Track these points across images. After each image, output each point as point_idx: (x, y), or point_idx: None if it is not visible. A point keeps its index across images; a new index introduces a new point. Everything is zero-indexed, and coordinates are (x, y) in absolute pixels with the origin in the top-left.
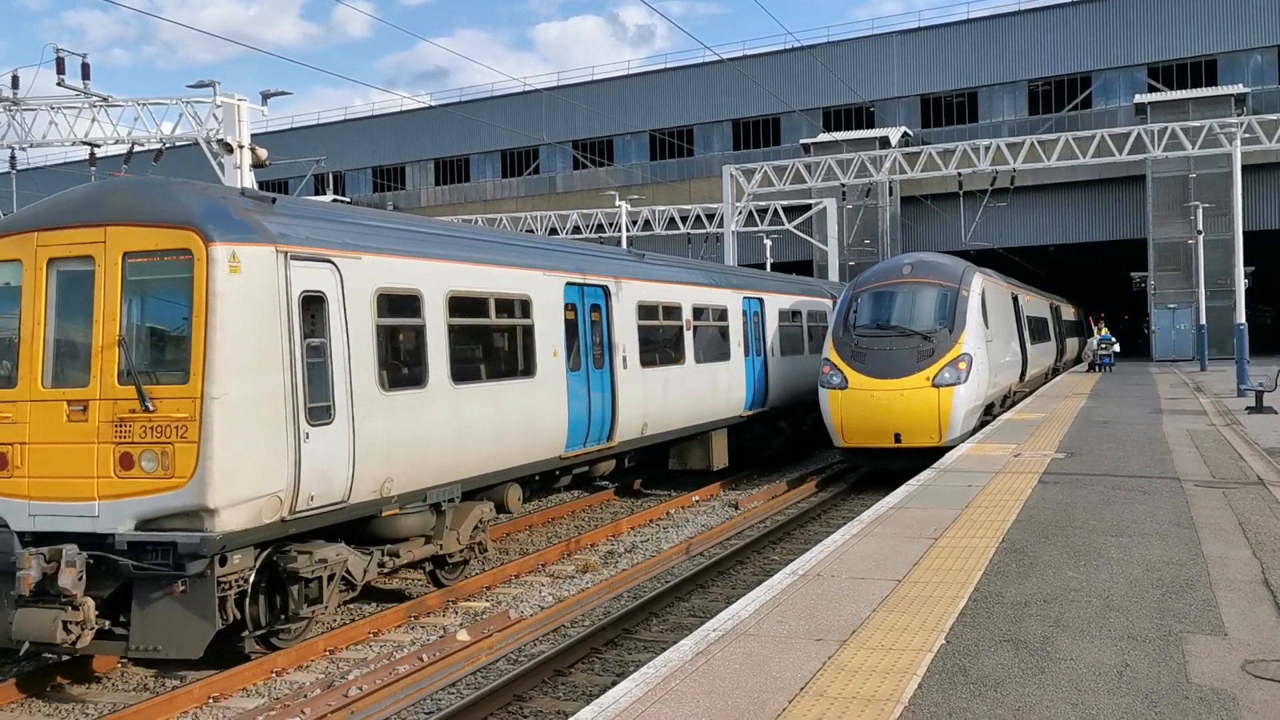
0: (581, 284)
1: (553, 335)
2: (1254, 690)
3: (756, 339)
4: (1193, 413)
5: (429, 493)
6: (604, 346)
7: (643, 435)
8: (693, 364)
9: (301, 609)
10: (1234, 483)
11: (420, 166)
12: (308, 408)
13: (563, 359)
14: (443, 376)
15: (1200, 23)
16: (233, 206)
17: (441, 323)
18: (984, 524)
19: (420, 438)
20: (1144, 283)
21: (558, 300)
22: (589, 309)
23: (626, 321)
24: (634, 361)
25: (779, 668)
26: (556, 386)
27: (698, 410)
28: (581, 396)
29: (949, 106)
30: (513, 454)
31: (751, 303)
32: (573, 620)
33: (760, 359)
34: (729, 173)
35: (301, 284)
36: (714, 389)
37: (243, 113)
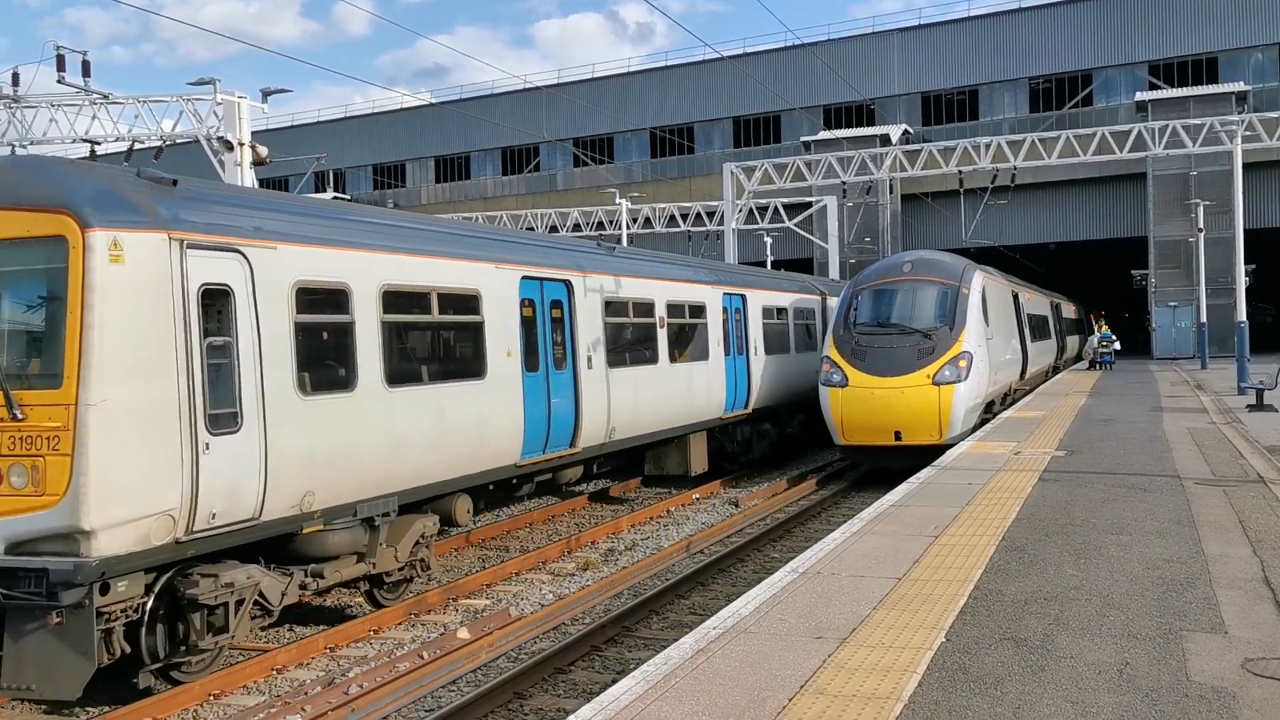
0: (540, 278)
1: (506, 333)
2: (1254, 688)
3: (738, 337)
4: (1193, 411)
5: (359, 506)
6: (566, 345)
7: (610, 440)
8: (667, 364)
9: (203, 639)
10: (1234, 481)
11: (421, 164)
12: (208, 415)
13: (518, 359)
14: (375, 379)
15: (1201, 20)
16: (119, 187)
17: (374, 320)
18: (984, 522)
19: (348, 446)
20: (1145, 281)
21: (512, 295)
22: (549, 305)
23: (591, 318)
24: (600, 361)
25: (779, 665)
26: (510, 389)
27: (673, 413)
28: (540, 399)
29: (949, 104)
30: (459, 462)
31: (733, 299)
32: (573, 618)
33: (743, 358)
34: (729, 170)
35: (202, 276)
36: (691, 390)
37: (243, 110)
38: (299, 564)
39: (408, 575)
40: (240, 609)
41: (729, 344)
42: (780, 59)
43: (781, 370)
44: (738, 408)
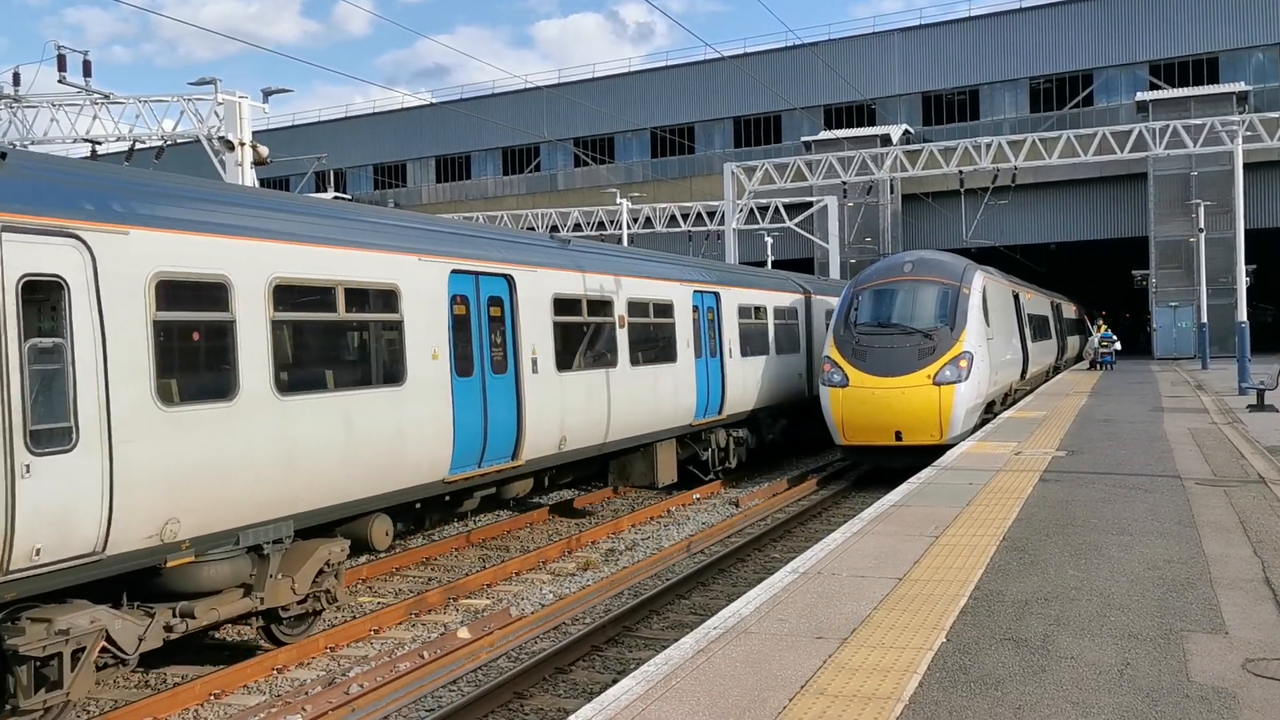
0: (475, 272)
1: (432, 334)
2: (1254, 689)
3: (711, 338)
4: (1194, 411)
5: (243, 533)
6: (507, 347)
7: (561, 451)
8: (628, 367)
9: (28, 697)
10: (1235, 481)
11: (422, 164)
12: (29, 431)
13: (447, 362)
14: (262, 386)
15: (1202, 20)
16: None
17: (262, 318)
18: (985, 522)
19: (226, 465)
20: (1145, 281)
21: (439, 291)
22: (486, 303)
23: (538, 317)
24: (548, 364)
25: (780, 666)
26: (436, 396)
27: (635, 420)
28: (473, 407)
29: (950, 104)
30: (373, 479)
31: (705, 297)
32: (574, 618)
33: (716, 360)
34: (730, 170)
35: (24, 265)
36: (656, 395)
37: (244, 110)
38: (170, 600)
39: (311, 609)
40: (81, 659)
41: (700, 345)
42: (781, 59)
43: (760, 373)
44: (710, 413)
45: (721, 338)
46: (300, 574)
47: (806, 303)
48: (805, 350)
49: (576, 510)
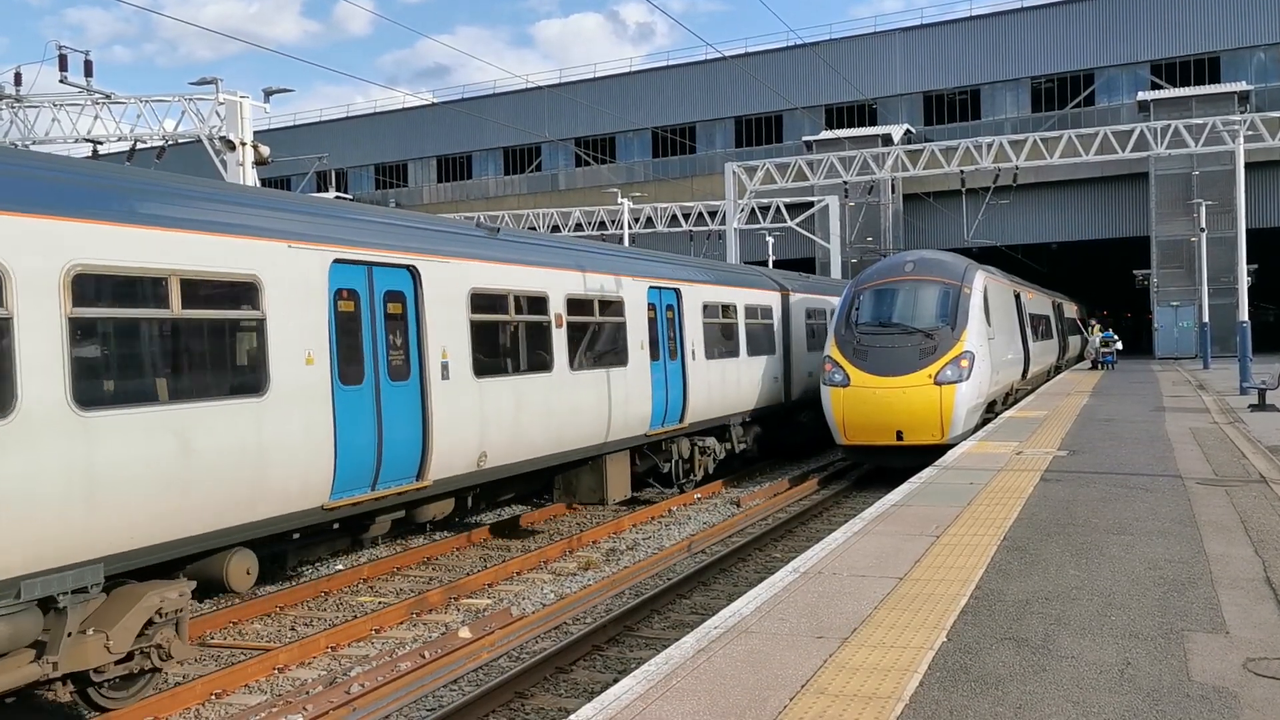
0: (366, 263)
1: (305, 335)
2: (1255, 688)
3: (670, 338)
4: (1195, 410)
5: (24, 584)
6: (410, 350)
7: (481, 469)
8: (566, 371)
9: None
10: (1236, 481)
11: (423, 164)
12: None
13: (326, 368)
14: (52, 399)
15: (1203, 20)
16: None
17: (53, 316)
18: (986, 522)
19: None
20: (1147, 280)
21: (316, 285)
22: (381, 299)
23: (451, 316)
24: (463, 370)
25: (780, 665)
26: (311, 408)
27: (576, 431)
28: (363, 421)
29: (951, 104)
30: (221, 510)
31: (663, 294)
32: (574, 617)
33: (677, 363)
34: (731, 170)
35: None
36: (602, 403)
37: (245, 110)
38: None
39: (139, 667)
40: None
41: (658, 347)
42: (782, 59)
43: (729, 377)
44: (670, 421)
45: (683, 338)
46: (118, 628)
47: (784, 301)
48: (782, 352)
49: (525, 530)
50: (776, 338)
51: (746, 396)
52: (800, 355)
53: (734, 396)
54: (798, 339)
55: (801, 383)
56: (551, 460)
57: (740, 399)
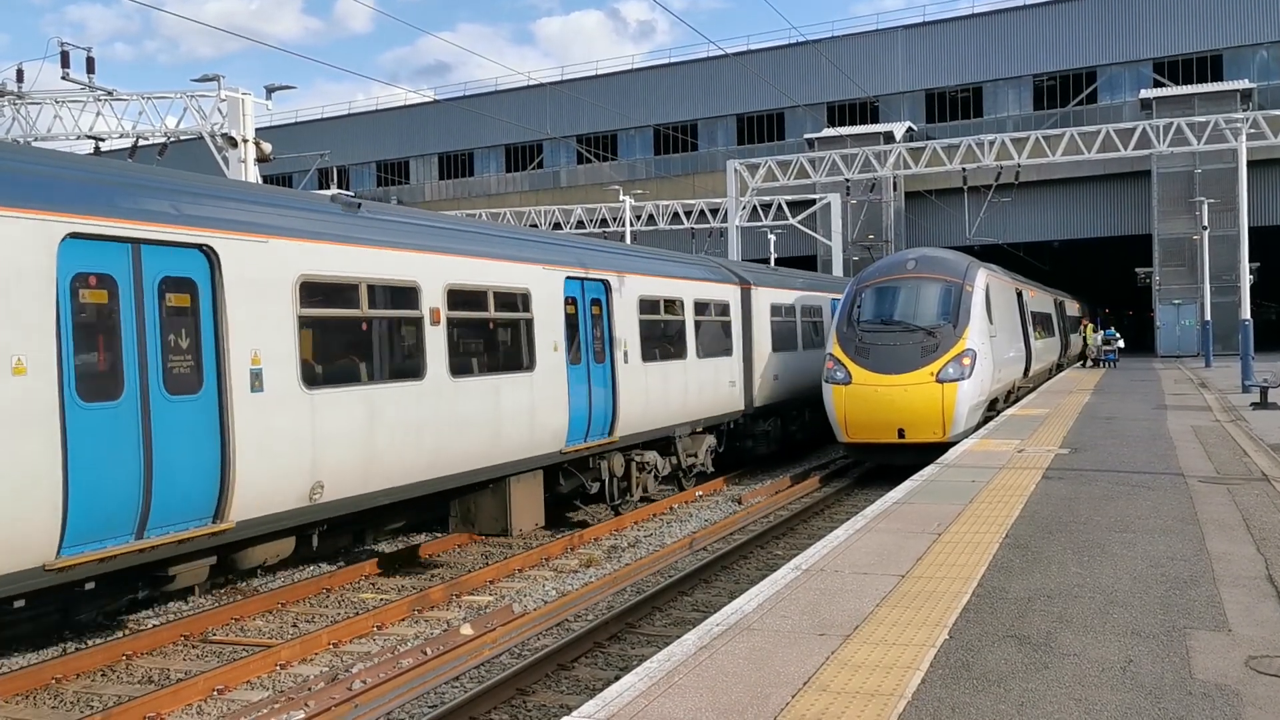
0: (127, 239)
1: (18, 335)
2: (1257, 686)
3: (598, 338)
4: (1197, 408)
5: None
6: (203, 356)
7: (316, 503)
8: (445, 378)
9: None
10: (1238, 479)
11: (424, 161)
12: None
13: (53, 382)
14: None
15: (1206, 18)
16: None
17: None
18: (987, 519)
19: None
20: (1149, 278)
21: (35, 268)
22: (156, 289)
23: (265, 311)
24: (285, 379)
25: (782, 662)
26: (31, 435)
27: (459, 451)
28: (118, 447)
29: (954, 101)
30: None
31: (587, 286)
32: (576, 614)
33: (604, 367)
34: (733, 167)
35: None
36: (496, 416)
37: (247, 107)
38: None
39: None
40: None
41: (581, 348)
42: (784, 56)
43: (674, 382)
44: (597, 434)
45: (613, 338)
46: None
47: (744, 296)
48: (742, 353)
49: (424, 561)
50: (735, 337)
51: (696, 404)
52: (763, 357)
53: (680, 405)
54: (760, 339)
55: (765, 388)
56: (425, 488)
57: (688, 407)
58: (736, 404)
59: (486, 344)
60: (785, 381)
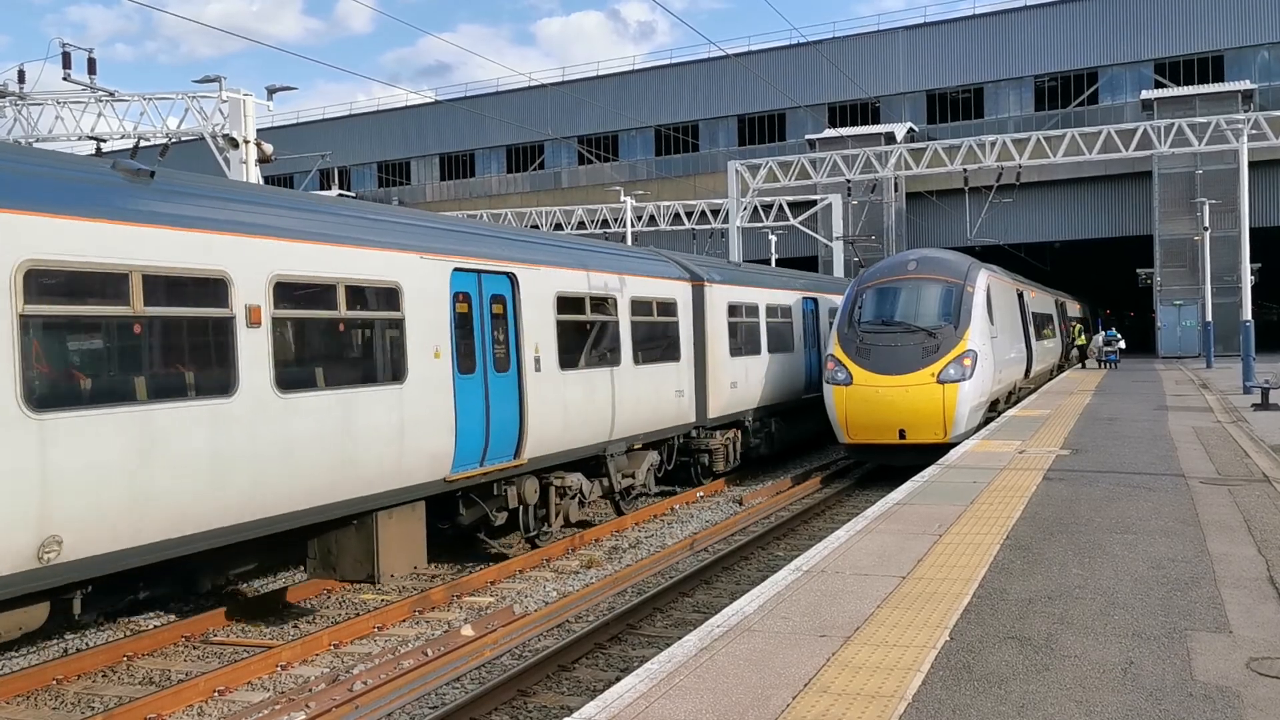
0: None
1: None
2: (1258, 687)
3: (500, 343)
4: (1198, 410)
5: None
6: None
7: (46, 566)
8: (269, 394)
9: None
10: (1239, 480)
11: (425, 162)
12: None
13: None
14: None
15: (1207, 19)
16: None
17: None
18: (988, 520)
19: None
20: (1150, 279)
21: None
22: None
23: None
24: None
25: (783, 663)
26: None
27: (288, 486)
28: None
29: (955, 102)
30: None
31: (485, 280)
32: (577, 615)
33: (509, 377)
34: (734, 168)
35: None
36: (349, 439)
37: (248, 108)
38: None
39: None
40: None
41: (475, 354)
42: (785, 57)
43: (602, 393)
44: (498, 457)
45: (519, 343)
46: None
47: (696, 294)
48: (693, 359)
49: (288, 605)
50: (684, 341)
51: (632, 418)
52: (721, 363)
53: (611, 419)
54: (717, 342)
55: (722, 397)
56: (238, 534)
57: (623, 421)
58: (685, 416)
59: (334, 351)
60: (747, 389)
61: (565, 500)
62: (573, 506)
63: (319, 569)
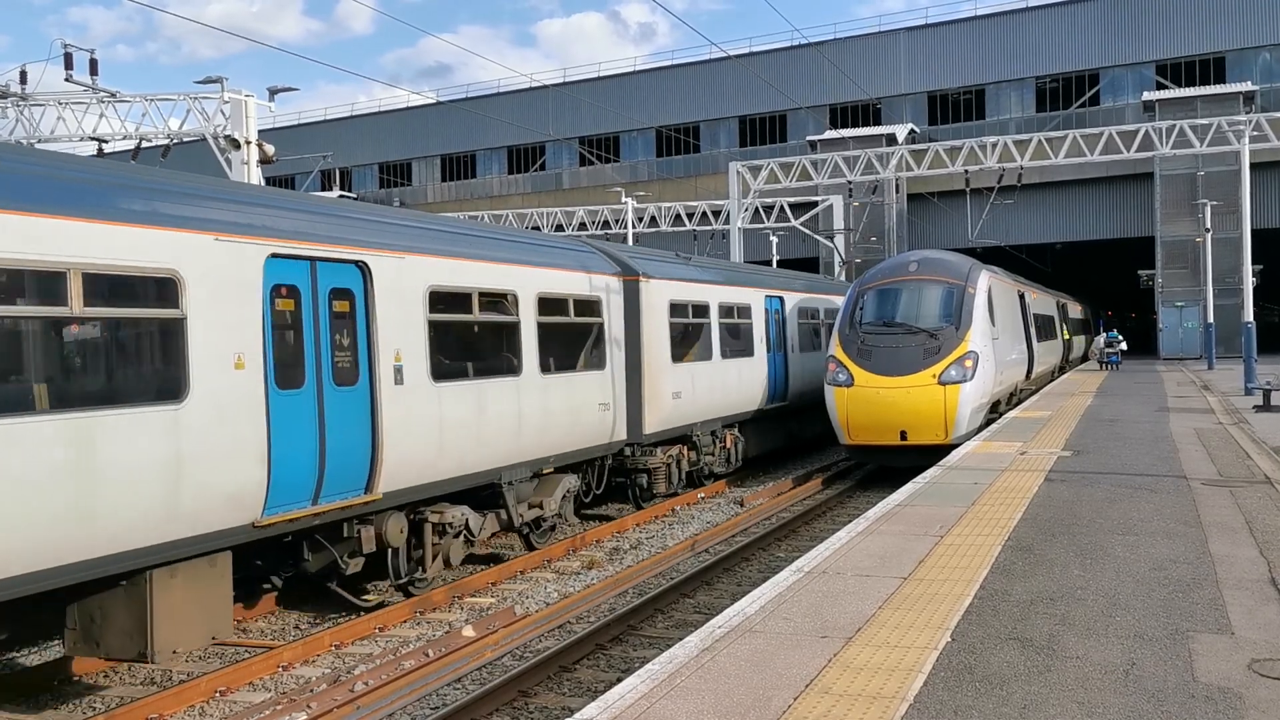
0: None
1: None
2: (1260, 689)
3: (342, 349)
4: (1200, 411)
5: None
6: None
7: None
8: None
9: None
10: (1241, 481)
11: (427, 163)
12: None
13: None
14: None
15: (1209, 20)
16: None
17: None
18: (990, 521)
19: None
20: (1151, 281)
21: None
22: None
23: None
24: None
25: (784, 664)
26: None
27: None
28: None
29: (956, 103)
30: None
31: (322, 271)
32: (578, 616)
33: (358, 391)
34: (735, 169)
35: None
36: (90, 480)
37: (250, 109)
38: None
39: None
40: None
41: (305, 363)
42: (786, 58)
43: (500, 408)
44: (337, 493)
45: (373, 349)
46: None
47: (629, 290)
48: (627, 366)
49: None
50: (609, 344)
51: (537, 438)
52: (660, 370)
53: (509, 440)
54: (656, 346)
55: (662, 410)
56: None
57: (527, 442)
58: (613, 432)
59: (64, 363)
60: (694, 400)
61: (446, 540)
62: (455, 546)
63: (79, 643)
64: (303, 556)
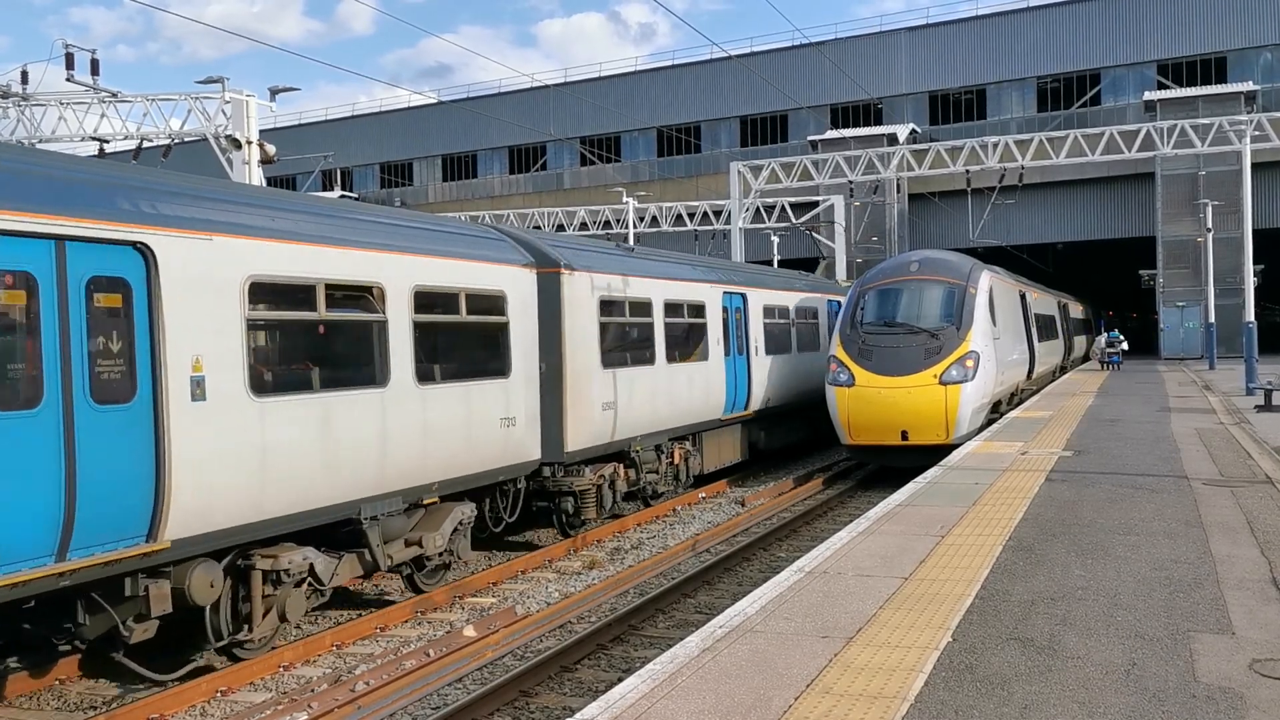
0: None
1: None
2: (1261, 689)
3: (109, 356)
4: (1201, 411)
5: None
6: None
7: None
8: None
9: None
10: (1242, 481)
11: (428, 163)
12: None
13: None
14: None
15: (1210, 20)
16: None
17: None
18: (991, 522)
19: None
20: (1153, 281)
21: None
22: None
23: None
24: None
25: (785, 665)
26: None
27: None
28: None
29: (957, 103)
30: None
31: (75, 254)
32: (579, 616)
33: (135, 410)
34: (736, 169)
35: None
36: None
37: (251, 109)
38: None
39: None
40: None
41: (43, 376)
42: (787, 58)
43: (357, 428)
44: (98, 544)
45: (156, 356)
46: None
47: (546, 285)
48: (544, 372)
49: None
50: (517, 347)
51: (418, 461)
52: (586, 377)
53: (373, 465)
54: (581, 350)
55: (590, 423)
56: None
57: (398, 467)
58: (522, 451)
59: None
60: (631, 412)
61: (284, 590)
62: (295, 598)
63: None
64: (77, 620)
